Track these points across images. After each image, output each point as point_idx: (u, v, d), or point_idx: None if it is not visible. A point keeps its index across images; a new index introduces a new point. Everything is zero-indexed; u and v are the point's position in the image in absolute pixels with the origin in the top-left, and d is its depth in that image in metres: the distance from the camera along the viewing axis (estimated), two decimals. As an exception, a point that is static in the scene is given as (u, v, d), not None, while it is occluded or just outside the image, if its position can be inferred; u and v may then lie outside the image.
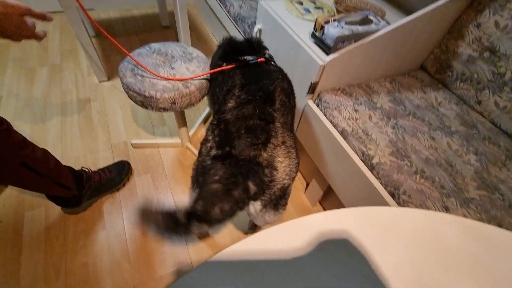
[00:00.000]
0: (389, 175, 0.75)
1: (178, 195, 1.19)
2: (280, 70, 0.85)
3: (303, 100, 0.99)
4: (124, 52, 0.84)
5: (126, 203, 1.14)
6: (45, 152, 0.86)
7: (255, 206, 0.61)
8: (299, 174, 1.32)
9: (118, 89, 1.55)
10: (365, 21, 0.92)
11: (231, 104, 0.69)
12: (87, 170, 1.07)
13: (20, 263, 0.95)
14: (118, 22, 2.01)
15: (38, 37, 0.60)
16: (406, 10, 1.20)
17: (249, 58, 0.83)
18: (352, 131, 0.85)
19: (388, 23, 0.91)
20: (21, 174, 0.78)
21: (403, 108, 0.95)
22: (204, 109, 1.52)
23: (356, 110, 0.90)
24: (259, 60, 0.83)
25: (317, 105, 0.96)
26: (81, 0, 0.72)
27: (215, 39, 2.01)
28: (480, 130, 0.91)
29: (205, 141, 0.68)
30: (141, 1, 2.18)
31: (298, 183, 1.28)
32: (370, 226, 0.37)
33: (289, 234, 0.35)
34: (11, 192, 1.12)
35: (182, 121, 1.18)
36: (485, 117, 0.96)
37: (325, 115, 0.92)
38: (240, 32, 1.39)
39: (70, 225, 1.06)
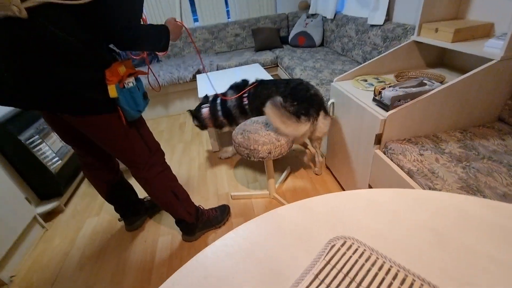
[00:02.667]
0: (459, 205, 0.79)
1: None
2: (261, 81, 1.67)
3: (371, 150, 1.17)
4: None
5: (225, 237, 1.42)
6: (183, 187, 1.30)
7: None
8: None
9: (222, 158, 2.08)
10: (420, 84, 1.12)
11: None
12: (201, 207, 1.46)
13: (151, 271, 1.30)
14: (228, 112, 2.79)
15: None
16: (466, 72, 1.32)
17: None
18: (418, 170, 0.95)
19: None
20: (170, 198, 1.21)
21: (476, 153, 0.99)
22: (286, 168, 1.83)
23: (421, 154, 1.02)
24: (254, 84, 1.67)
25: (384, 153, 1.11)
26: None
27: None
28: None
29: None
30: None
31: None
32: (405, 200, 0.53)
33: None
34: (153, 222, 1.59)
35: (271, 173, 1.50)
36: None
37: (392, 160, 1.06)
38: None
39: (185, 250, 1.39)
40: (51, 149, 1.69)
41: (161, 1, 2.97)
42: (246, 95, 1.67)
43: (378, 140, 1.13)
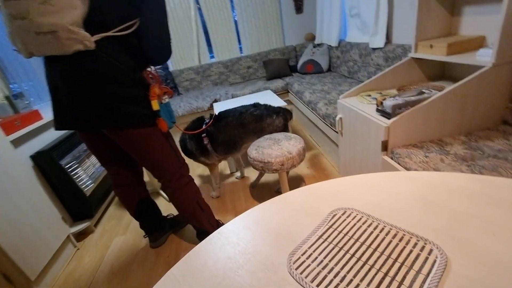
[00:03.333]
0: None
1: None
2: (219, 115, 1.71)
3: (379, 157, 1.23)
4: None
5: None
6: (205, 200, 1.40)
7: None
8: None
9: (238, 179, 2.18)
10: (419, 93, 1.21)
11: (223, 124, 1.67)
12: (221, 221, 1.53)
13: None
14: (244, 137, 2.94)
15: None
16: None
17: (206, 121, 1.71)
18: (424, 170, 1.00)
19: (441, 92, 1.16)
20: (195, 209, 1.30)
21: (481, 153, 1.03)
22: (301, 184, 1.88)
23: (426, 156, 1.07)
24: (210, 122, 1.68)
25: (391, 158, 1.17)
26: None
27: (312, 139, 2.56)
28: None
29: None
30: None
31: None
32: (397, 180, 0.60)
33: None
34: (175, 239, 1.67)
35: (286, 186, 1.56)
36: None
37: (398, 163, 1.12)
38: (327, 124, 1.87)
39: (206, 263, 1.44)
40: (86, 173, 1.87)
41: (181, 42, 3.35)
42: (204, 134, 1.65)
43: (384, 146, 1.20)
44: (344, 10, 2.72)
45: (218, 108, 2.40)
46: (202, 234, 1.42)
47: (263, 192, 1.93)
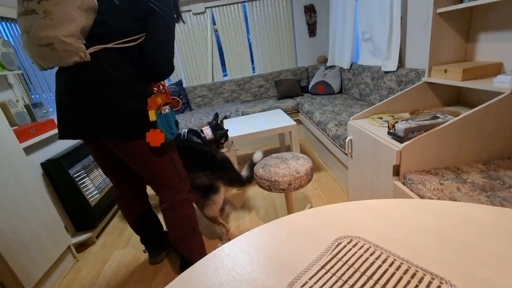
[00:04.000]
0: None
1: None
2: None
3: (390, 182, 1.18)
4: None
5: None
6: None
7: None
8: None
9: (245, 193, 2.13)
10: (433, 118, 1.17)
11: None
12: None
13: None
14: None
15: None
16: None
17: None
18: (438, 199, 0.94)
19: (457, 117, 1.12)
20: (187, 231, 1.23)
21: (501, 183, 0.97)
22: (306, 205, 1.81)
23: (441, 184, 1.01)
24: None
25: (403, 184, 1.12)
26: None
27: (321, 160, 2.51)
28: None
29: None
30: (269, 141, 3.14)
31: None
32: (407, 207, 0.56)
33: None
34: (174, 256, 1.62)
35: (292, 207, 1.51)
36: None
37: (411, 190, 1.06)
38: (336, 146, 1.83)
39: None
40: (93, 183, 1.88)
41: (196, 60, 3.46)
42: None
43: (396, 171, 1.14)
44: (357, 35, 2.76)
45: (227, 124, 2.42)
46: (187, 264, 1.34)
47: (268, 211, 1.87)
